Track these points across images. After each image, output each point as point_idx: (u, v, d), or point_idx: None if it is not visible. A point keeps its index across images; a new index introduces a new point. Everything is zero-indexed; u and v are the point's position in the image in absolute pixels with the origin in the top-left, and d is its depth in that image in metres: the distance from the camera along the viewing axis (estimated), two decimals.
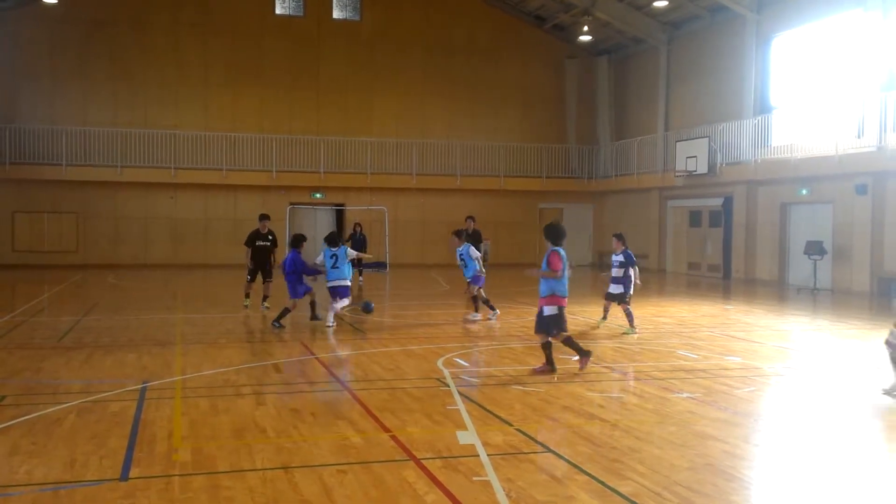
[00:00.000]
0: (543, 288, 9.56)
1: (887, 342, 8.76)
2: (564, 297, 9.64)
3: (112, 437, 6.71)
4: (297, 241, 14.59)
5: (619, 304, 13.72)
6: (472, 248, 15.24)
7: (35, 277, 24.18)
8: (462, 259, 15.10)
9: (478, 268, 15.08)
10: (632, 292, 13.77)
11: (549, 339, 9.64)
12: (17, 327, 13.57)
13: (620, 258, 13.80)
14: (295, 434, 6.89)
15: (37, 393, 8.54)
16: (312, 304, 14.41)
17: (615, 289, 13.75)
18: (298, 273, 14.03)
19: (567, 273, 9.65)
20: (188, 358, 10.65)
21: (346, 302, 13.73)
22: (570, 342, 9.73)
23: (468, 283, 15.23)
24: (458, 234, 15.48)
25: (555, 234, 9.85)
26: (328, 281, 13.61)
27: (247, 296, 16.86)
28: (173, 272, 27.18)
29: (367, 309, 15.10)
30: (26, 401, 8.09)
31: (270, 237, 17.11)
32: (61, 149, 28.44)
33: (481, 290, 15.04)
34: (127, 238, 29.81)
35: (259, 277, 16.84)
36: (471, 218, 18.98)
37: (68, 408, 7.72)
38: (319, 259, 13.98)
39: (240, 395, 8.50)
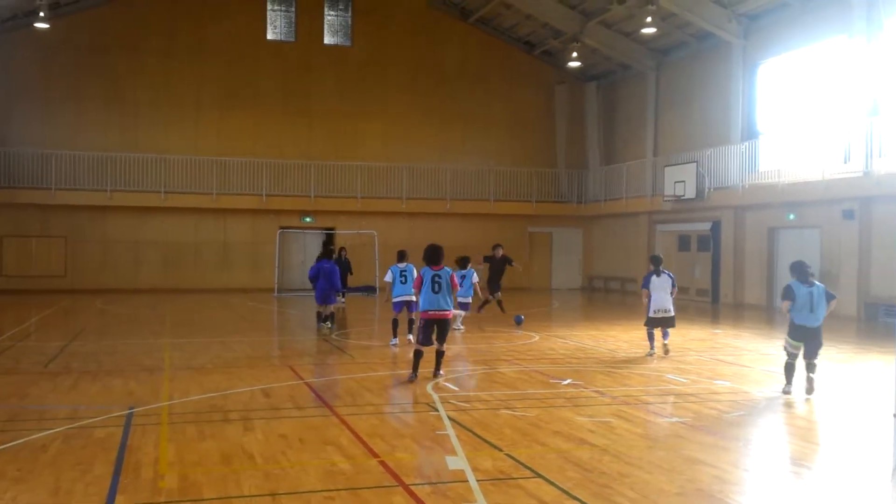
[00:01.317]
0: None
1: (784, 348, 10.40)
2: (425, 311, 10.73)
3: (98, 463, 6.65)
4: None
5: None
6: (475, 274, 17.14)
7: (23, 302, 24.02)
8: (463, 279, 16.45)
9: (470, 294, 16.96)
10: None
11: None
12: (4, 352, 13.47)
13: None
14: (283, 460, 6.84)
15: (23, 419, 8.47)
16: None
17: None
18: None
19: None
20: (175, 383, 10.59)
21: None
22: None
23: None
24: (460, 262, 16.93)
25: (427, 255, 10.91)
26: (395, 297, 14.38)
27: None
28: (162, 297, 27.06)
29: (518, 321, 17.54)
30: (12, 427, 8.01)
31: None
32: (51, 173, 28.39)
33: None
34: (116, 262, 29.68)
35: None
36: (499, 246, 20.35)
37: (54, 434, 7.65)
38: (388, 277, 14.73)
39: (227, 420, 8.45)
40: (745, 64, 25.85)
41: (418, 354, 10.73)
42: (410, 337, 14.71)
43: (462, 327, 16.94)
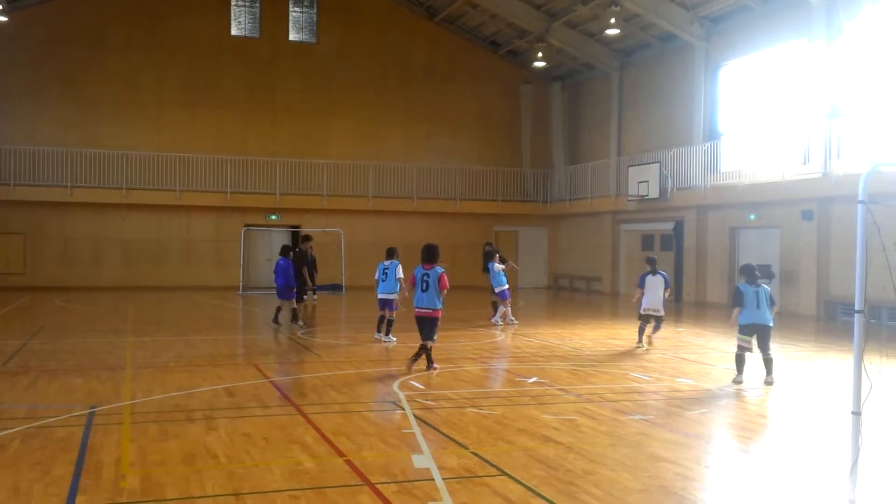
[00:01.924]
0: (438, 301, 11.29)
1: (738, 344, 11.04)
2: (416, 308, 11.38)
3: (57, 463, 6.54)
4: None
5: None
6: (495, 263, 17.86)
7: None
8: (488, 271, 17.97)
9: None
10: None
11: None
12: None
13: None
14: (247, 459, 6.79)
15: None
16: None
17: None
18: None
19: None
20: (138, 382, 10.45)
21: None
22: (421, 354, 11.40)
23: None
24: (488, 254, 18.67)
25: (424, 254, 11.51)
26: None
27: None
28: (124, 294, 26.68)
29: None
30: None
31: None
32: (9, 168, 27.83)
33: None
34: (77, 260, 29.21)
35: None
36: (489, 244, 21.67)
37: (12, 434, 7.51)
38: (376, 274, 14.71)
39: (191, 419, 8.36)
40: (708, 65, 26.20)
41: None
42: (379, 335, 14.67)
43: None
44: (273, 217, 30.99)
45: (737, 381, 10.80)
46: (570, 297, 29.71)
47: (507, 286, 17.96)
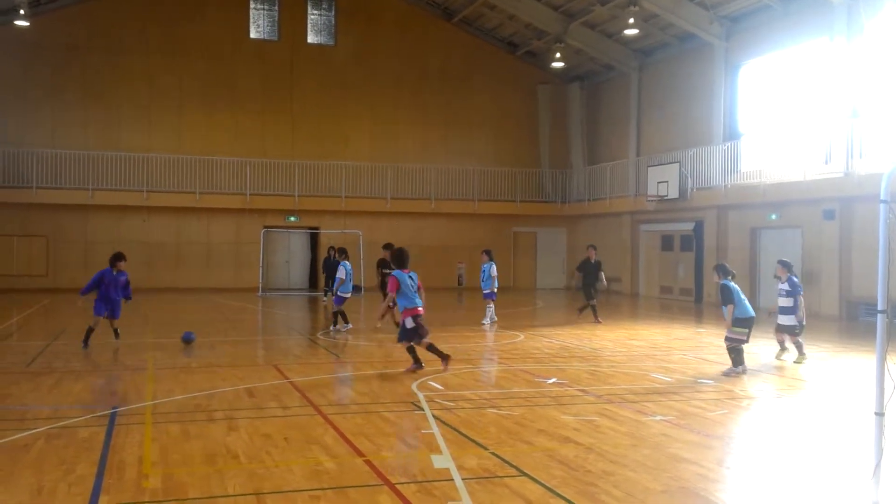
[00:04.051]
0: (401, 305, 11.41)
1: (726, 338, 11.63)
2: (417, 308, 11.37)
3: (81, 463, 6.60)
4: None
5: (791, 335, 12.90)
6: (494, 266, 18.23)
7: (3, 301, 23.79)
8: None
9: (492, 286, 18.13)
10: (804, 322, 12.97)
11: (412, 344, 11.37)
12: None
13: (786, 286, 13.01)
14: (267, 459, 6.82)
15: (4, 419, 8.38)
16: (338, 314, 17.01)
17: (786, 320, 12.86)
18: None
19: (413, 289, 11.40)
20: (159, 383, 10.53)
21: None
22: (432, 348, 11.40)
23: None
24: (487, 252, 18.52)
25: (399, 260, 11.68)
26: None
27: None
28: (145, 296, 26.81)
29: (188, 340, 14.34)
30: None
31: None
32: (32, 171, 28.15)
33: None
34: (97, 262, 29.17)
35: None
36: (592, 247, 20.08)
37: (36, 434, 7.59)
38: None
39: (212, 420, 8.41)
40: (727, 65, 26.03)
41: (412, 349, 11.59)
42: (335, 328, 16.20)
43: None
44: (292, 219, 31.13)
45: (741, 371, 11.41)
46: None
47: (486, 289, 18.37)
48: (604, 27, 29.73)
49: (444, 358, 11.45)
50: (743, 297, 11.72)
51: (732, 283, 11.62)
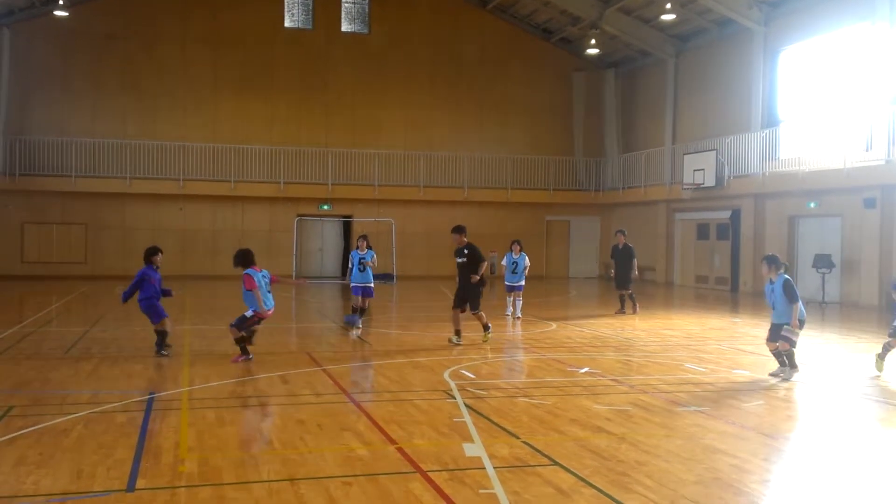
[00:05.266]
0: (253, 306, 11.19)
1: (784, 338, 10.20)
2: (267, 311, 11.30)
3: (119, 447, 6.71)
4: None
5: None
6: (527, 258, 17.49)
7: (43, 288, 24.26)
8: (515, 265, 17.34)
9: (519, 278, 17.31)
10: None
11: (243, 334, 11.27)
12: (26, 338, 13.62)
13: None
14: (301, 446, 6.88)
15: (44, 404, 8.56)
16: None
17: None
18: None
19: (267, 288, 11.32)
20: (195, 369, 10.67)
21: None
22: (241, 342, 11.27)
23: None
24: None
25: (242, 258, 11.44)
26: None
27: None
28: (181, 283, 27.10)
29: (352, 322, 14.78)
30: (34, 411, 8.10)
31: (466, 251, 13.13)
32: (71, 160, 28.61)
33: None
34: (135, 249, 29.57)
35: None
36: (620, 232, 19.51)
37: (76, 419, 7.73)
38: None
39: (246, 406, 8.50)
40: (766, 51, 25.58)
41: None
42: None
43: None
44: (325, 207, 31.28)
45: (796, 373, 10.25)
46: None
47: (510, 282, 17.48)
48: (640, 13, 29.37)
49: (245, 352, 11.17)
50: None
51: None
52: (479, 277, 12.71)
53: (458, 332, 13.02)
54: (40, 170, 28.37)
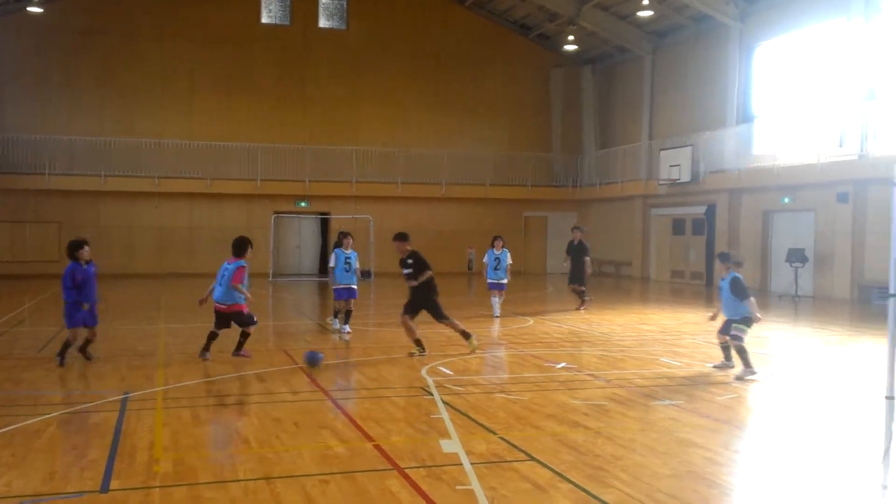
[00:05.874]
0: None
1: (733, 335, 10.31)
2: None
3: (92, 448, 6.66)
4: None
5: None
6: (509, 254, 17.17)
7: (16, 287, 23.97)
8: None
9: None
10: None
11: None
12: None
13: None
14: (277, 444, 6.86)
15: (17, 404, 8.46)
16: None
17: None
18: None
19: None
20: (170, 368, 10.60)
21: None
22: (213, 336, 11.36)
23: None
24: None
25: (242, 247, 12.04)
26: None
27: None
28: (157, 282, 27.02)
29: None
30: (6, 412, 8.00)
31: (411, 261, 11.83)
32: (45, 158, 28.26)
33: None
34: (110, 248, 29.56)
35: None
36: (577, 228, 19.01)
37: (48, 419, 7.65)
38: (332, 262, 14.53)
39: (222, 405, 8.46)
40: (742, 46, 25.79)
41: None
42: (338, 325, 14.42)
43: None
44: (302, 204, 31.16)
45: (755, 372, 9.99)
46: (599, 283, 29.51)
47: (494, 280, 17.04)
48: (617, 9, 29.50)
49: (207, 349, 11.22)
50: None
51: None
52: (416, 283, 11.54)
53: (417, 342, 11.61)
54: (14, 168, 28.00)
